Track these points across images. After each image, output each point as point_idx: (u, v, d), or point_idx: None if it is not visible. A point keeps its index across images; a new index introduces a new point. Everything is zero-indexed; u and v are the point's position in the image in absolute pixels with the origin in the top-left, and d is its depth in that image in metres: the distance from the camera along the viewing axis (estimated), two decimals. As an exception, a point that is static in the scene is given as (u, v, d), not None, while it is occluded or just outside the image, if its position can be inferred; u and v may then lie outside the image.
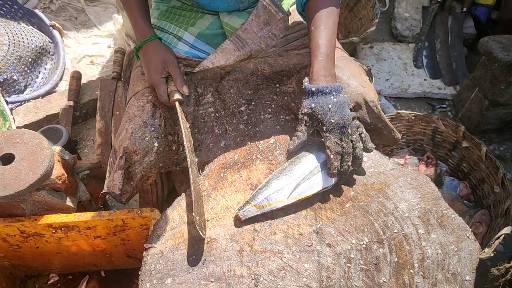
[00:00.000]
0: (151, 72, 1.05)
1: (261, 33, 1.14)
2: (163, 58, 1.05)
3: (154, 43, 1.08)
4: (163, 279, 0.82)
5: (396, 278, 0.82)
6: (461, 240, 0.86)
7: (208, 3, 1.14)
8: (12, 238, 1.15)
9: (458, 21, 2.38)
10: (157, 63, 1.05)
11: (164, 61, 1.05)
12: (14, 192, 1.00)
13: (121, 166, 1.00)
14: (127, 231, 1.16)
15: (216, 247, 0.86)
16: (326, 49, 0.96)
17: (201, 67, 1.12)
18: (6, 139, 1.08)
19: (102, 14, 2.53)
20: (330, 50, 0.97)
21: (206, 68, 1.12)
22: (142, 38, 1.09)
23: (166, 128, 1.06)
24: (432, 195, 0.93)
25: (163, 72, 1.05)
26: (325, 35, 0.97)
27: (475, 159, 1.64)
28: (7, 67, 1.92)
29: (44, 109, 1.88)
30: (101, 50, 2.36)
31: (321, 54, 0.95)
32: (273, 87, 1.13)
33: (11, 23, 2.07)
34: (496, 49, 1.70)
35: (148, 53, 1.07)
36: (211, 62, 1.12)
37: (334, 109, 0.90)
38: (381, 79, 2.22)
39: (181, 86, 1.04)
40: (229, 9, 1.16)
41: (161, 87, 1.04)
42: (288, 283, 0.81)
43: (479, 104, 1.89)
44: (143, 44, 1.08)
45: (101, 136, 1.70)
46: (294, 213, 0.91)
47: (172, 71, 1.04)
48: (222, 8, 1.15)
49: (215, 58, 1.11)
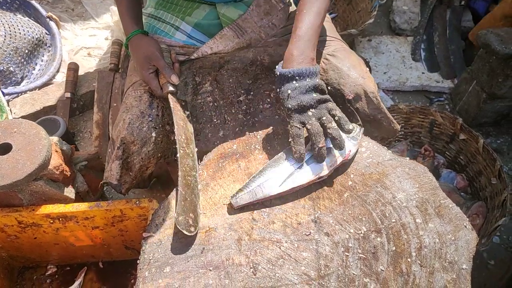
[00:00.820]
0: (139, 69, 1.06)
1: (261, 23, 1.13)
2: (146, 53, 1.05)
3: (137, 38, 1.09)
4: (161, 267, 0.82)
5: (394, 266, 0.82)
6: (459, 229, 0.87)
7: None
8: (9, 229, 1.15)
9: (456, 14, 2.38)
10: (142, 59, 1.05)
11: (147, 56, 1.05)
12: (11, 181, 0.99)
13: (119, 157, 1.00)
14: (125, 221, 1.16)
15: (215, 236, 0.86)
16: (302, 31, 0.93)
17: (199, 52, 1.11)
18: (3, 129, 1.08)
19: (99, 6, 2.51)
20: (307, 32, 0.93)
21: (204, 54, 1.11)
22: (126, 35, 1.11)
23: (164, 118, 1.05)
24: (430, 185, 0.94)
25: (150, 67, 1.05)
26: (306, 19, 0.94)
27: (473, 151, 1.64)
28: (4, 59, 1.90)
29: (41, 101, 1.87)
30: (98, 42, 2.34)
31: (296, 36, 0.93)
32: (272, 77, 1.12)
33: (7, 14, 2.05)
34: (494, 41, 1.70)
35: (133, 50, 1.09)
36: (209, 48, 1.11)
37: (293, 95, 0.88)
38: (379, 72, 2.22)
39: (169, 76, 1.03)
40: (226, 0, 1.15)
41: (152, 83, 1.04)
42: (287, 272, 0.81)
43: (477, 97, 1.90)
44: (128, 40, 1.10)
45: (98, 128, 1.70)
46: (292, 203, 0.91)
47: (157, 64, 1.04)
48: None
49: (213, 44, 1.11)
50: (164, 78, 1.03)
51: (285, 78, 0.90)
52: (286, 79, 0.90)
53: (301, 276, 0.80)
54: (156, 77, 1.05)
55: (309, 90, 0.89)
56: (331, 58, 1.08)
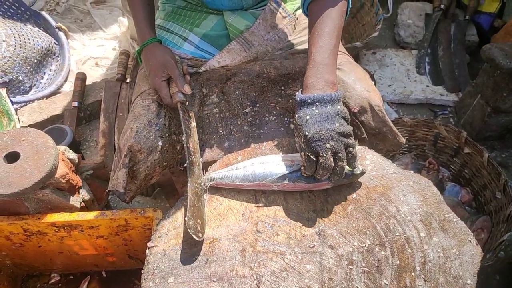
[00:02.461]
0: (152, 76, 1.07)
1: (267, 36, 1.15)
2: (162, 61, 1.06)
3: (153, 46, 1.10)
4: (165, 278, 0.83)
5: (398, 280, 0.82)
6: (463, 244, 0.87)
7: (213, 1, 1.15)
8: (15, 237, 1.16)
9: (461, 28, 2.40)
10: (157, 66, 1.06)
11: (162, 64, 1.06)
12: (18, 190, 1.01)
13: (126, 165, 1.01)
14: (129, 231, 1.16)
15: (219, 247, 0.87)
16: (318, 56, 0.89)
17: (207, 66, 1.13)
18: (12, 137, 1.10)
19: (107, 17, 2.55)
20: (323, 56, 0.90)
21: (212, 68, 1.13)
22: (142, 42, 1.11)
23: (171, 127, 1.07)
24: (434, 198, 0.94)
25: (163, 75, 1.06)
26: (320, 42, 0.91)
27: (477, 165, 1.64)
28: (13, 68, 1.93)
29: (49, 110, 1.90)
30: (106, 52, 2.37)
31: (312, 61, 0.90)
32: (278, 89, 1.14)
33: (17, 25, 2.09)
34: (498, 56, 1.71)
35: (147, 57, 1.09)
36: (217, 62, 1.13)
37: (312, 121, 0.83)
38: (384, 85, 2.23)
39: (181, 86, 1.04)
40: (233, 7, 1.17)
41: (163, 91, 1.05)
42: (290, 284, 0.81)
43: (481, 111, 1.90)
44: (143, 47, 1.11)
45: (104, 137, 1.71)
46: (297, 215, 0.92)
47: (171, 72, 1.05)
48: (226, 6, 1.16)
49: (221, 57, 1.13)
50: (175, 87, 1.05)
51: (305, 103, 0.85)
52: (305, 105, 0.86)
53: (304, 288, 0.80)
54: (167, 85, 1.06)
55: (330, 117, 0.84)
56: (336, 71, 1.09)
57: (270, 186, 0.92)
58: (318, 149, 0.83)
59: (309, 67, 0.90)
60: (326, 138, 0.82)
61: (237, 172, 0.93)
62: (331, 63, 0.90)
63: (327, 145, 0.82)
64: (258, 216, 0.91)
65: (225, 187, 0.95)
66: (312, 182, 0.91)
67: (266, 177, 0.91)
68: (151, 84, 1.09)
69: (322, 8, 0.94)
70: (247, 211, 0.93)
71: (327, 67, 0.89)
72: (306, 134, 0.83)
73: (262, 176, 0.91)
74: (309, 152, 0.84)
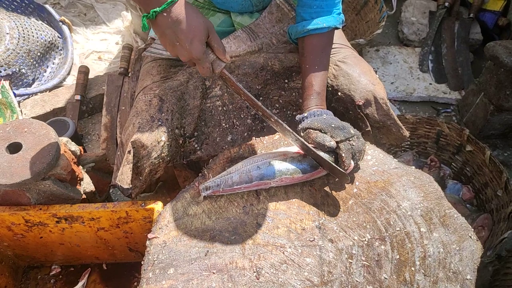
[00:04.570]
0: (195, 43, 0.83)
1: (272, 30, 1.15)
2: (203, 23, 0.84)
3: (181, 5, 0.83)
4: (165, 269, 0.83)
5: (397, 275, 0.82)
6: (463, 239, 0.87)
7: (222, 2, 1.15)
8: (16, 227, 1.17)
9: (465, 26, 2.39)
10: (201, 30, 0.83)
11: (205, 27, 0.84)
12: (20, 180, 1.01)
13: (130, 161, 1.01)
14: (130, 223, 1.17)
15: (219, 239, 0.87)
16: (318, 88, 1.02)
17: None
18: (14, 128, 1.10)
19: (110, 11, 2.55)
20: (322, 89, 1.03)
21: None
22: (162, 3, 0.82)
23: (173, 122, 1.07)
24: (435, 194, 0.94)
25: (205, 40, 0.86)
26: (319, 74, 1.03)
27: (479, 163, 1.64)
28: (16, 60, 1.94)
29: (51, 103, 1.90)
30: (109, 46, 2.38)
31: (313, 93, 1.02)
32: (282, 82, 1.14)
33: (21, 18, 2.09)
34: (502, 54, 1.70)
35: (178, 19, 0.82)
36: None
37: (329, 118, 0.95)
38: (387, 82, 2.23)
39: (224, 55, 0.88)
40: (242, 10, 1.17)
41: (206, 61, 0.87)
42: (290, 277, 0.81)
43: (484, 109, 1.89)
44: (169, 6, 0.81)
45: (106, 130, 1.72)
46: (297, 208, 0.92)
47: (215, 38, 0.87)
48: (235, 8, 1.16)
49: (227, 43, 1.12)
50: (213, 54, 0.88)
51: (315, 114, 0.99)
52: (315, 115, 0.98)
53: (304, 281, 0.81)
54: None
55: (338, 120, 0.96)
56: (341, 64, 1.10)
57: (268, 183, 0.92)
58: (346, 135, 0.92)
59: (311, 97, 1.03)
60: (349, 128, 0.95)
61: (233, 176, 0.92)
62: (324, 93, 1.05)
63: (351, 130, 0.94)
64: (258, 209, 0.92)
65: (222, 193, 0.94)
66: (308, 171, 0.92)
67: (263, 175, 0.91)
68: (189, 52, 0.84)
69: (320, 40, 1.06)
70: (247, 204, 0.93)
71: (323, 97, 1.04)
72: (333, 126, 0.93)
73: (259, 176, 0.91)
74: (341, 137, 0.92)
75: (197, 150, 1.10)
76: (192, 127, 1.09)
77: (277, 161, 0.92)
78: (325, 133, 0.93)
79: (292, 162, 0.92)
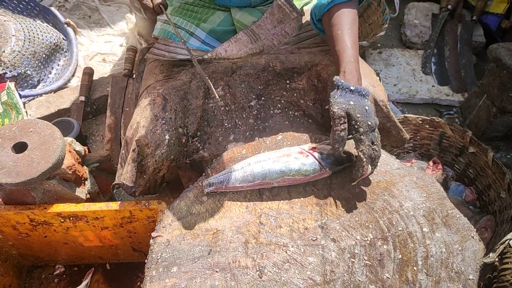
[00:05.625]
0: None
1: (274, 31, 1.16)
2: None
3: None
4: (169, 267, 0.84)
5: (400, 274, 0.82)
6: (466, 239, 0.87)
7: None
8: (21, 226, 1.18)
9: (467, 29, 2.39)
10: None
11: None
12: (26, 179, 1.02)
13: (134, 159, 1.02)
14: (134, 223, 1.17)
15: (222, 238, 0.88)
16: (355, 52, 0.96)
17: (214, 53, 1.13)
18: (20, 128, 1.11)
19: (115, 14, 2.57)
20: (357, 55, 0.98)
21: (219, 56, 1.13)
22: None
23: (177, 121, 1.08)
24: (437, 194, 0.94)
25: None
26: (353, 39, 0.97)
27: (482, 164, 1.63)
28: (22, 62, 1.96)
29: (56, 104, 1.92)
30: (113, 49, 2.39)
31: (352, 56, 0.95)
32: (284, 83, 1.14)
33: (27, 20, 2.11)
34: (505, 56, 1.70)
35: None
36: (224, 50, 1.13)
37: (370, 112, 0.90)
38: (389, 84, 2.23)
39: None
40: (241, 5, 1.18)
41: None
42: (292, 276, 0.82)
43: (487, 111, 1.89)
44: None
45: (110, 131, 1.73)
46: (300, 208, 0.92)
47: None
48: (234, 2, 1.17)
49: (228, 46, 1.13)
50: None
51: (360, 94, 0.91)
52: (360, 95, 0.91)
53: (306, 280, 0.81)
54: None
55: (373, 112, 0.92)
56: None
57: (271, 183, 0.93)
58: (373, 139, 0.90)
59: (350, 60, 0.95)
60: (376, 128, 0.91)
61: (236, 174, 0.93)
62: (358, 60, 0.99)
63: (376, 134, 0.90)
64: (261, 209, 0.92)
65: (225, 190, 0.95)
66: (311, 173, 0.93)
67: (266, 175, 0.92)
68: None
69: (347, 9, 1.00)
70: (250, 204, 0.93)
71: (359, 64, 0.97)
72: (369, 124, 0.89)
73: (262, 175, 0.92)
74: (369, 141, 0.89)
75: (199, 150, 1.11)
76: (194, 127, 1.10)
77: (279, 162, 0.93)
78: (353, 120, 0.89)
79: (294, 163, 0.93)
